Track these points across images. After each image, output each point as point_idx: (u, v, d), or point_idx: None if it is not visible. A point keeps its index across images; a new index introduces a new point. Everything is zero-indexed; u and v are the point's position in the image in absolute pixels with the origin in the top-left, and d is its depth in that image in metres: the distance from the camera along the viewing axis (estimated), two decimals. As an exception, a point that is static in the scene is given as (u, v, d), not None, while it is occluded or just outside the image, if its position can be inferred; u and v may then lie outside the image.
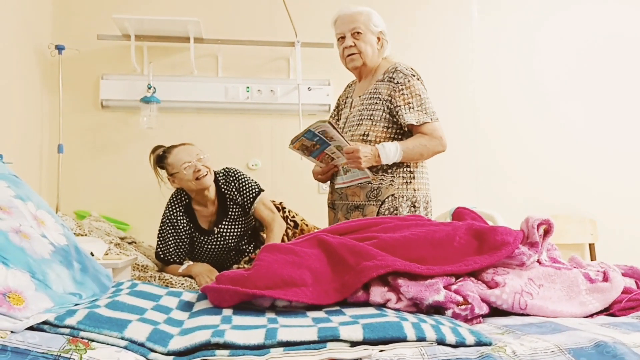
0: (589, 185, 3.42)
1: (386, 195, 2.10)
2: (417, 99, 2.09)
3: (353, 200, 2.17)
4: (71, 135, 3.00)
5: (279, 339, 0.99)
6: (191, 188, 2.31)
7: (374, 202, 2.11)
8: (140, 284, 1.44)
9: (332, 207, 2.32)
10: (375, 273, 1.29)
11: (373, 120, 2.13)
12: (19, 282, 1.02)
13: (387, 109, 2.12)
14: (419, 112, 2.07)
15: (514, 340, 1.03)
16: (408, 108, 2.07)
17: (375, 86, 2.18)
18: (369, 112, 2.15)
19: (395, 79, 2.11)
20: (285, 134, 3.21)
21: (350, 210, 2.17)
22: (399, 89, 2.09)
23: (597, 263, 1.54)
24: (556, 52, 3.47)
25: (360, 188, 2.14)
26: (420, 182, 2.16)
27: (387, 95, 2.12)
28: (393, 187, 2.10)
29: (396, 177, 2.12)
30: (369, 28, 2.19)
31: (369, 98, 2.18)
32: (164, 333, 1.04)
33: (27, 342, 0.88)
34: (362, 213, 2.13)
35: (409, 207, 2.11)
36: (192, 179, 2.27)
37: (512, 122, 3.41)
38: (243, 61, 3.20)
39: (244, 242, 2.48)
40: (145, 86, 2.99)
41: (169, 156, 2.32)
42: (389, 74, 2.14)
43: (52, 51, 2.91)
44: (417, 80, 2.12)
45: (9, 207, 1.19)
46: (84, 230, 2.33)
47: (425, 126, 2.08)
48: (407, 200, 2.11)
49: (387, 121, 2.12)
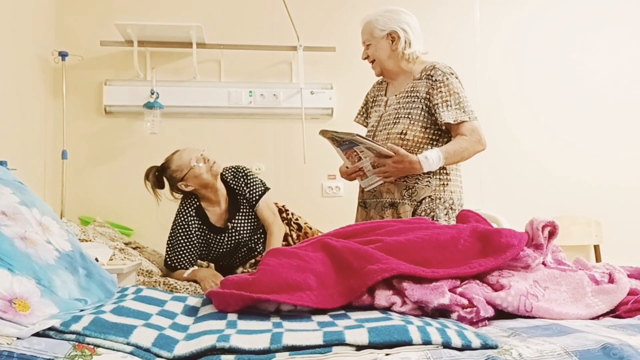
0: (594, 186, 3.41)
1: (423, 196, 2.06)
2: (455, 97, 2.04)
3: (386, 197, 2.12)
4: (75, 141, 3.01)
5: (284, 343, 0.98)
6: (206, 181, 2.32)
7: (409, 201, 2.07)
8: (145, 289, 1.44)
9: (363, 206, 2.26)
10: (380, 276, 1.29)
11: (411, 118, 2.09)
12: (25, 288, 1.02)
13: (426, 107, 2.08)
14: (457, 111, 2.03)
15: (520, 343, 1.03)
16: (446, 106, 2.03)
17: (412, 84, 2.14)
18: (407, 111, 2.11)
19: (434, 76, 2.08)
20: (288, 138, 3.22)
21: (384, 207, 2.12)
22: (437, 86, 2.06)
23: (602, 265, 1.53)
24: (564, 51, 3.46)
25: (394, 185, 2.09)
26: (455, 185, 2.13)
27: (425, 93, 2.08)
28: (430, 189, 2.06)
29: (433, 178, 2.07)
30: (375, 35, 2.16)
31: (407, 96, 2.14)
32: (169, 338, 1.04)
33: (33, 348, 0.88)
34: (396, 211, 2.09)
35: (446, 209, 2.07)
36: (208, 170, 2.29)
37: (517, 124, 3.41)
38: (245, 66, 3.21)
39: (256, 237, 2.49)
40: (148, 92, 3.00)
41: (170, 164, 2.33)
42: (427, 72, 2.11)
43: (55, 58, 2.92)
44: (455, 79, 2.08)
45: (14, 214, 1.20)
46: (89, 235, 2.34)
47: (464, 125, 2.03)
48: (444, 203, 2.07)
49: (425, 120, 2.07)
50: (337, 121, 3.20)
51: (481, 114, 3.33)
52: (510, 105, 3.41)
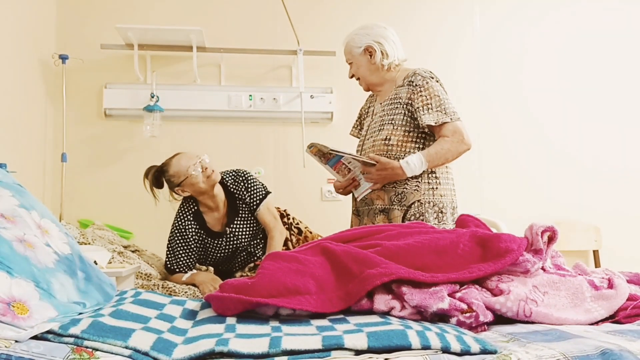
0: (593, 192, 3.42)
1: (412, 201, 2.08)
2: (436, 100, 2.08)
3: (377, 204, 2.15)
4: (75, 144, 3.01)
5: (283, 347, 0.98)
6: (202, 190, 2.31)
7: (399, 207, 2.09)
8: (144, 292, 1.43)
9: (356, 214, 2.31)
10: (379, 281, 1.29)
11: (394, 124, 2.13)
12: (23, 291, 1.02)
13: (408, 112, 2.12)
14: (438, 113, 2.06)
15: (519, 348, 1.03)
16: (427, 109, 2.07)
17: (395, 92, 2.19)
18: (390, 117, 2.16)
19: (414, 82, 2.12)
20: (288, 142, 3.22)
21: (375, 214, 2.15)
22: (418, 91, 2.10)
23: (601, 270, 1.53)
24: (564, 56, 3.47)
25: (384, 191, 2.13)
26: (446, 188, 2.14)
27: (406, 99, 2.13)
28: (419, 193, 2.08)
29: (421, 182, 2.10)
30: (354, 54, 2.24)
31: (390, 104, 2.19)
32: (168, 342, 1.04)
33: (32, 351, 0.88)
34: (387, 217, 2.12)
35: (436, 213, 2.09)
36: (204, 178, 2.28)
37: (516, 131, 3.41)
38: (245, 70, 3.22)
39: (256, 242, 2.48)
40: (148, 95, 3.00)
41: (168, 169, 2.32)
42: (409, 78, 2.16)
43: (55, 61, 2.93)
44: (435, 82, 2.13)
45: (13, 216, 1.19)
46: (88, 238, 2.34)
47: (446, 127, 2.06)
48: (433, 207, 2.09)
49: (408, 125, 2.12)
50: (337, 125, 3.20)
51: (481, 121, 3.36)
52: (510, 112, 3.42)
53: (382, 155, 2.12)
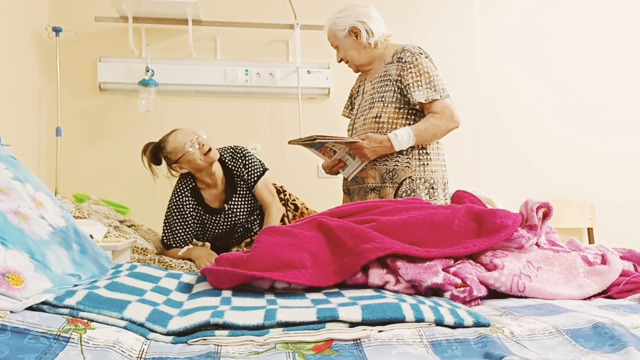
0: (588, 170, 3.43)
1: (403, 178, 2.09)
2: (426, 77, 2.08)
3: (368, 182, 2.16)
4: (69, 118, 2.99)
5: (278, 319, 0.99)
6: (200, 166, 2.30)
7: (390, 184, 2.10)
8: (140, 266, 1.44)
9: (347, 193, 2.32)
10: (374, 255, 1.29)
11: (384, 102, 2.13)
12: (18, 262, 1.02)
13: (398, 89, 2.12)
14: (428, 90, 2.06)
15: (512, 322, 1.04)
16: (417, 86, 2.07)
17: (385, 69, 2.18)
18: (380, 95, 2.15)
19: (404, 58, 2.12)
20: (284, 117, 3.20)
21: (366, 192, 2.16)
22: (407, 67, 2.09)
23: (595, 246, 1.55)
24: (559, 38, 3.46)
25: (375, 170, 2.13)
26: (436, 164, 2.15)
27: (396, 76, 2.12)
28: (410, 169, 2.09)
29: (412, 158, 2.10)
30: (338, 37, 2.22)
31: (380, 81, 2.18)
32: (163, 314, 1.04)
33: (27, 322, 0.88)
34: (378, 195, 2.12)
35: (427, 189, 2.10)
36: (201, 155, 2.27)
37: (513, 107, 3.40)
38: (242, 44, 3.18)
39: (253, 218, 2.49)
40: (143, 69, 2.97)
41: (166, 145, 2.31)
42: (397, 54, 2.15)
43: (49, 33, 2.89)
44: (425, 58, 2.12)
45: (7, 189, 1.19)
46: (83, 213, 2.33)
47: (435, 104, 2.07)
48: (424, 182, 2.09)
49: (398, 102, 2.12)
50: (334, 101, 3.18)
51: (478, 101, 3.35)
52: (506, 89, 3.40)
53: (373, 133, 2.12)
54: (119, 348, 0.88)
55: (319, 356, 0.89)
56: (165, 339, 0.96)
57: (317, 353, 0.90)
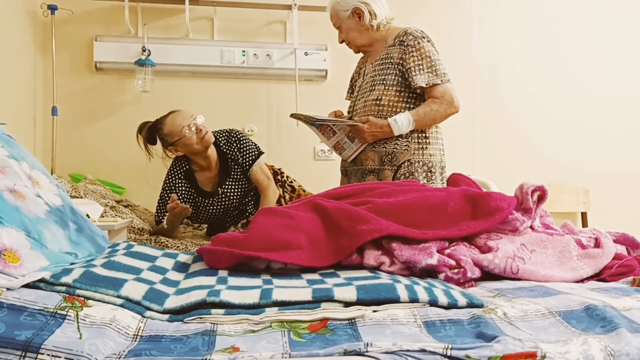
0: (583, 154, 3.43)
1: (402, 161, 2.10)
2: (427, 61, 2.08)
3: (367, 164, 2.16)
4: (65, 97, 2.97)
5: (274, 298, 1.00)
6: (196, 150, 2.30)
7: (389, 167, 2.11)
8: (136, 245, 1.44)
9: (345, 174, 2.32)
10: (370, 237, 1.30)
11: (385, 84, 2.13)
12: (14, 240, 1.02)
13: (399, 72, 2.12)
14: (429, 74, 2.07)
15: (505, 303, 1.05)
16: (418, 70, 2.07)
17: (386, 52, 2.18)
18: (382, 77, 2.15)
19: (406, 42, 2.11)
20: (281, 99, 3.19)
21: (364, 174, 2.17)
22: (409, 51, 2.09)
23: (589, 230, 1.56)
24: (554, 22, 3.43)
25: (374, 152, 2.14)
26: (435, 148, 2.16)
27: (398, 59, 2.12)
28: (409, 152, 2.10)
29: (411, 142, 2.11)
30: (340, 17, 2.21)
31: (381, 63, 2.18)
32: (159, 292, 1.05)
33: (24, 299, 0.89)
34: (377, 177, 2.13)
35: (425, 172, 2.11)
36: (198, 140, 2.27)
37: (508, 91, 3.39)
38: (239, 24, 3.15)
39: (247, 200, 2.49)
40: (139, 49, 2.94)
41: (163, 127, 2.30)
42: (400, 37, 2.14)
43: (44, 11, 2.85)
44: (427, 42, 2.12)
45: (3, 167, 1.19)
46: (80, 192, 2.33)
47: (436, 88, 2.07)
48: (423, 166, 2.11)
49: (399, 85, 2.12)
50: (331, 83, 3.17)
51: (475, 84, 3.34)
52: (502, 74, 3.39)
53: (373, 115, 2.12)
54: (116, 325, 0.89)
55: (314, 335, 0.90)
56: (161, 317, 0.97)
57: (312, 332, 0.91)
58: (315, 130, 2.22)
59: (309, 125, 2.20)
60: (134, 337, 0.89)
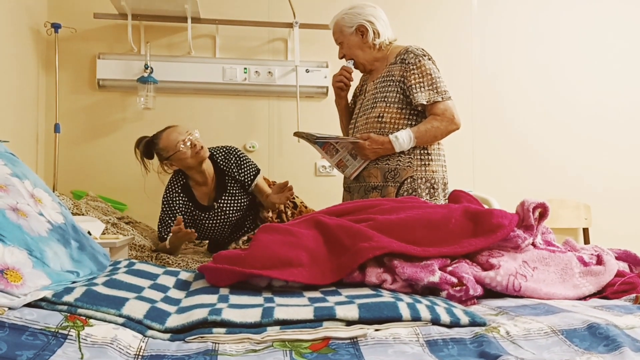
0: (584, 170, 3.44)
1: (405, 177, 2.11)
2: (428, 78, 2.10)
3: (370, 181, 2.18)
4: (68, 114, 2.99)
5: (275, 317, 0.99)
6: (190, 165, 2.33)
7: (392, 183, 2.12)
8: (138, 262, 1.44)
9: (347, 190, 2.33)
10: (372, 254, 1.30)
11: (387, 102, 2.15)
12: (17, 259, 1.02)
13: (401, 89, 2.14)
14: (430, 92, 2.09)
15: (508, 321, 1.04)
16: (419, 87, 2.09)
17: (388, 69, 2.20)
18: (383, 95, 2.17)
19: (407, 59, 2.14)
20: (283, 116, 3.21)
21: (367, 191, 2.18)
22: (410, 69, 2.12)
23: (591, 247, 1.55)
24: (555, 41, 3.46)
25: (377, 169, 2.15)
26: (437, 164, 2.17)
27: (399, 77, 2.15)
28: (411, 169, 2.12)
29: (414, 158, 2.13)
30: (345, 33, 2.24)
31: (383, 81, 2.20)
32: (161, 311, 1.05)
33: (25, 318, 0.89)
34: (380, 194, 2.14)
35: (428, 188, 2.12)
36: (192, 155, 2.29)
37: (509, 108, 3.41)
38: (241, 42, 3.18)
39: (244, 216, 2.52)
40: (142, 66, 2.97)
41: (159, 142, 2.33)
42: (401, 55, 2.17)
43: (48, 29, 2.88)
44: (428, 60, 2.14)
45: (6, 185, 1.19)
46: (81, 209, 2.34)
47: (437, 105, 2.09)
48: (425, 182, 2.12)
49: (401, 102, 2.14)
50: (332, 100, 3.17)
51: (475, 99, 3.36)
52: (503, 90, 3.41)
53: (375, 132, 2.14)
54: (117, 345, 0.89)
55: (316, 354, 0.89)
56: (163, 336, 0.97)
57: (314, 351, 0.90)
58: (317, 149, 2.23)
59: (311, 143, 2.22)
60: (135, 356, 0.89)
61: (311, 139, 2.17)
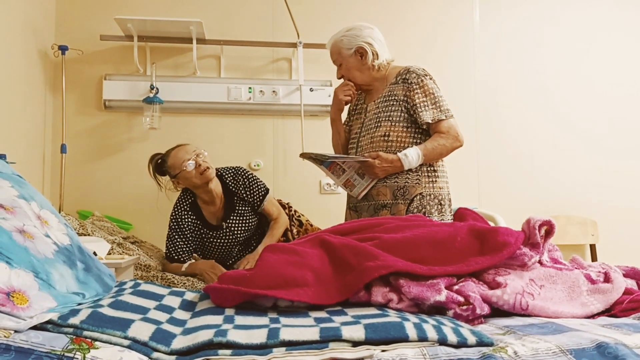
0: (590, 186, 3.42)
1: (414, 194, 2.11)
2: (431, 98, 2.13)
3: (379, 199, 2.17)
4: (74, 135, 3.01)
5: (281, 338, 0.99)
6: (196, 184, 2.35)
7: (402, 201, 2.12)
8: (143, 283, 1.44)
9: (354, 210, 2.31)
10: (377, 273, 1.29)
11: (392, 120, 2.17)
12: (23, 281, 1.03)
13: (405, 109, 2.16)
14: (434, 110, 2.12)
15: (516, 341, 1.03)
16: (424, 107, 2.12)
17: (389, 89, 2.22)
18: (387, 114, 2.18)
19: (409, 79, 2.16)
20: (287, 135, 3.22)
21: (377, 209, 2.18)
22: (413, 88, 2.14)
23: (598, 264, 1.54)
24: (560, 52, 3.47)
25: (386, 187, 2.16)
26: (442, 181, 2.19)
27: (403, 96, 2.17)
28: (420, 186, 2.13)
29: (422, 175, 2.14)
30: (343, 55, 2.25)
31: (385, 101, 2.21)
32: (166, 332, 1.04)
33: (31, 341, 0.89)
34: (390, 211, 2.14)
35: (436, 205, 2.13)
36: (196, 174, 2.31)
37: (513, 124, 3.41)
38: (245, 62, 3.21)
39: (252, 236, 2.53)
40: (148, 87, 3.00)
41: (168, 159, 2.38)
42: (402, 75, 2.19)
43: (55, 52, 2.92)
44: (429, 80, 2.17)
45: (13, 207, 1.20)
46: (87, 230, 2.34)
47: (441, 124, 2.12)
48: (434, 199, 2.13)
49: (406, 121, 2.16)
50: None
51: (479, 114, 3.37)
52: (507, 106, 3.41)
53: (382, 151, 2.15)
54: (123, 367, 0.89)
55: (322, 376, 0.89)
56: (168, 358, 0.96)
57: (320, 373, 0.90)
58: (323, 169, 2.23)
59: (317, 164, 2.22)
60: (140, 379, 0.88)
61: (320, 159, 2.17)
